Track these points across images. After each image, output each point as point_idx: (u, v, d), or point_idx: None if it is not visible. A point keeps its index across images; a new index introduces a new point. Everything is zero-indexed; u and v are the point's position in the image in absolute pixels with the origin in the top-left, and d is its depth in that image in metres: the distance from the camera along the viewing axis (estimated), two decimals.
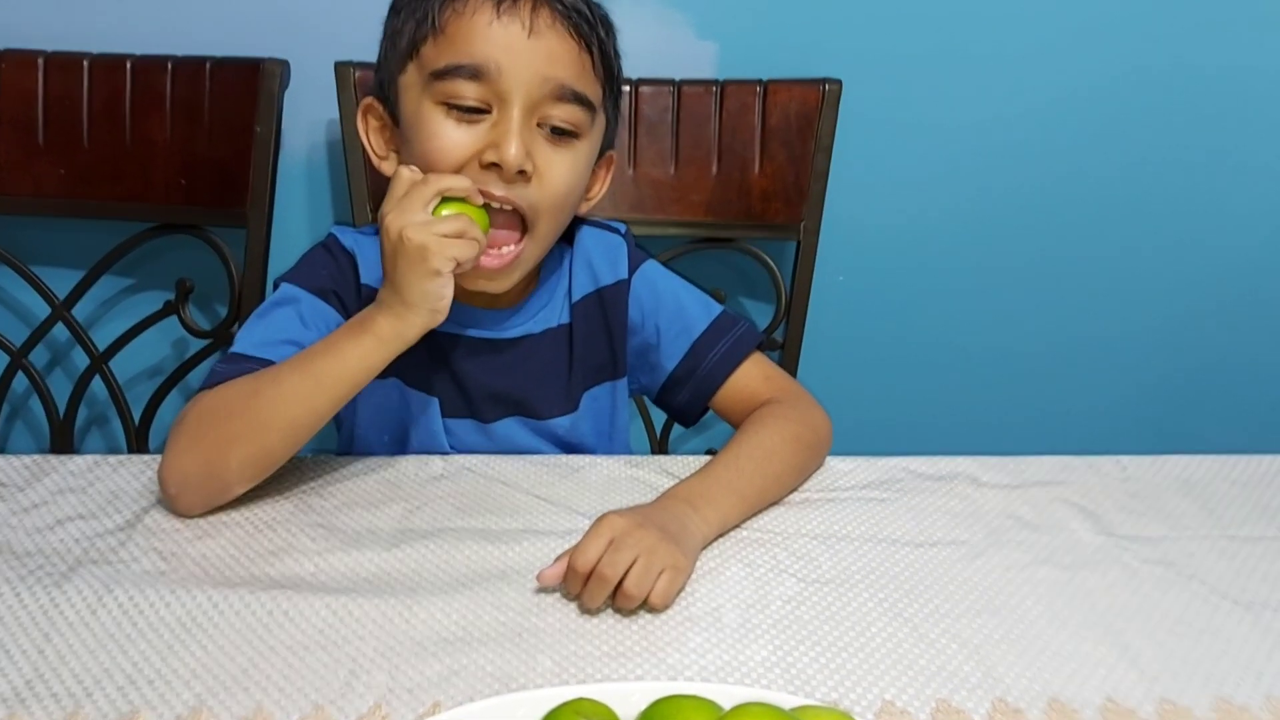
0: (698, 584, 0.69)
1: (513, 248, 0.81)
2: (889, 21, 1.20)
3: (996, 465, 0.86)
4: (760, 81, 1.14)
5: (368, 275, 0.87)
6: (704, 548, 0.73)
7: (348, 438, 0.93)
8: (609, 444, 0.96)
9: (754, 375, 0.91)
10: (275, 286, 0.87)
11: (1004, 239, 1.32)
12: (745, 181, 1.16)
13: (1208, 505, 0.82)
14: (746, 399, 0.90)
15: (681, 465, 0.84)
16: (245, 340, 0.81)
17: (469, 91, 0.78)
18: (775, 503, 0.80)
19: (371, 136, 0.87)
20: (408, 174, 0.76)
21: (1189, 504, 0.82)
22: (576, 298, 0.91)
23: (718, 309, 0.94)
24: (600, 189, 0.91)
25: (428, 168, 0.78)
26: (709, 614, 0.66)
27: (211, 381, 0.77)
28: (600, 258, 0.92)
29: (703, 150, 1.15)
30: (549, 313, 0.91)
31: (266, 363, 0.78)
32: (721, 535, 0.75)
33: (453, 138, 0.78)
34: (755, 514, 0.78)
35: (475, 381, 0.89)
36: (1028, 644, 0.65)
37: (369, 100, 0.86)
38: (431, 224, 0.73)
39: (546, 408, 0.91)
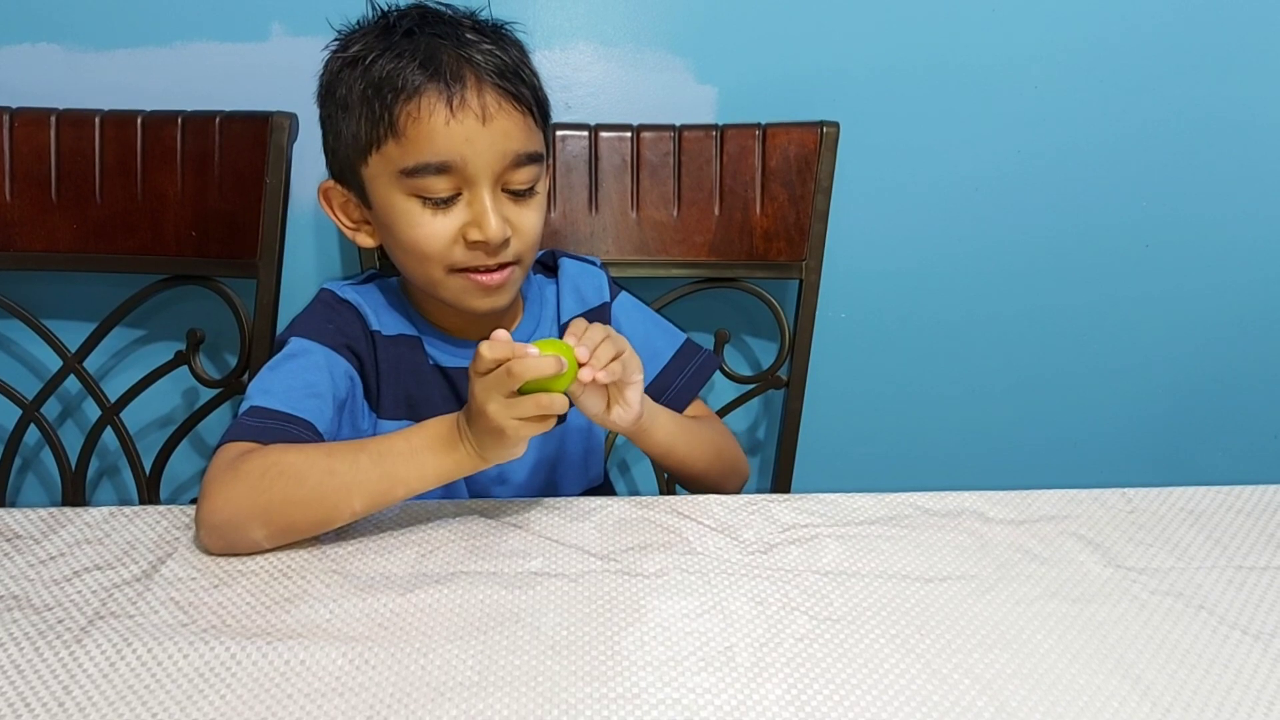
0: (709, 622, 0.70)
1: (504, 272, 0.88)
2: (886, 64, 1.23)
3: (1003, 500, 0.87)
4: (759, 125, 1.16)
5: (377, 322, 0.91)
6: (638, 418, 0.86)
7: None
8: (594, 453, 1.03)
9: (702, 410, 1.06)
10: (279, 346, 0.88)
11: (1004, 275, 1.34)
12: (747, 222, 1.18)
13: (1214, 535, 0.82)
14: None
15: (691, 505, 0.85)
16: (267, 393, 0.83)
17: (440, 185, 0.83)
18: (690, 463, 0.96)
19: (338, 213, 0.91)
20: (489, 353, 0.73)
21: (1196, 535, 0.82)
22: (566, 318, 0.98)
23: (682, 337, 1.05)
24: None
25: (414, 252, 0.85)
26: (722, 654, 0.67)
27: (238, 434, 0.79)
28: (586, 284, 1.01)
29: (704, 192, 1.17)
30: (539, 335, 0.97)
31: (297, 419, 0.81)
32: (643, 427, 0.89)
33: (433, 227, 0.84)
34: (675, 448, 0.94)
35: None
36: (1039, 677, 0.65)
37: (328, 184, 0.90)
38: (512, 407, 0.73)
39: None
